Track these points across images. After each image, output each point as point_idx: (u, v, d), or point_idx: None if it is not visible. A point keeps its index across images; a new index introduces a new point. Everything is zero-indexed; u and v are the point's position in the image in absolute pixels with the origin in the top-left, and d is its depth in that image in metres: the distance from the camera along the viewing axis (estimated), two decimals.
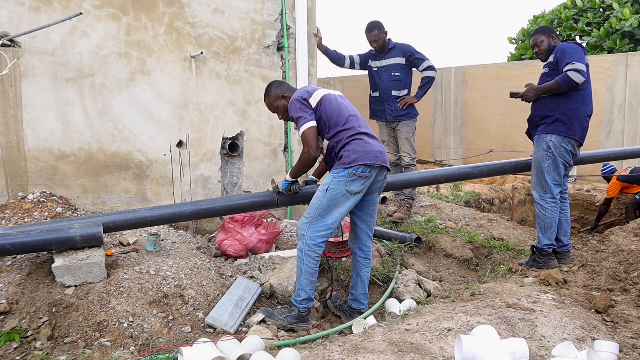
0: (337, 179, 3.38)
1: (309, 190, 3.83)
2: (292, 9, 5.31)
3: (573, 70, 3.92)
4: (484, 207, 7.13)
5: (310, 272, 3.43)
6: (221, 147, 5.08)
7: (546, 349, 2.73)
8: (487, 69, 10.15)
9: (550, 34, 4.25)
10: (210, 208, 3.89)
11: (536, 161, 4.24)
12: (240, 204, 3.97)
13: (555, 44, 4.21)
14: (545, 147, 4.15)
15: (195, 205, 3.90)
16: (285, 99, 3.67)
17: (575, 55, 3.96)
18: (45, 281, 3.38)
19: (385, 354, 2.61)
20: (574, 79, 3.92)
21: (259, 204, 3.99)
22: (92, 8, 4.28)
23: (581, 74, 3.92)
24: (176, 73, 4.74)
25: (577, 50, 4.00)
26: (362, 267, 3.73)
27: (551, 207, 4.19)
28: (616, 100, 8.52)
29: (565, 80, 3.96)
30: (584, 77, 3.94)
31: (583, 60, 3.97)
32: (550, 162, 4.14)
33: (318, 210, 3.41)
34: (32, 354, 2.93)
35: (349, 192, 3.39)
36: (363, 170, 3.37)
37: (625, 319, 3.18)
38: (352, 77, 11.99)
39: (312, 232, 3.40)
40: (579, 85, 3.96)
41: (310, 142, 3.40)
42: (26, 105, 4.09)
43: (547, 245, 4.24)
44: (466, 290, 3.80)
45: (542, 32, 4.28)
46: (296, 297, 3.48)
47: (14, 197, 4.07)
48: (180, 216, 3.83)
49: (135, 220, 3.69)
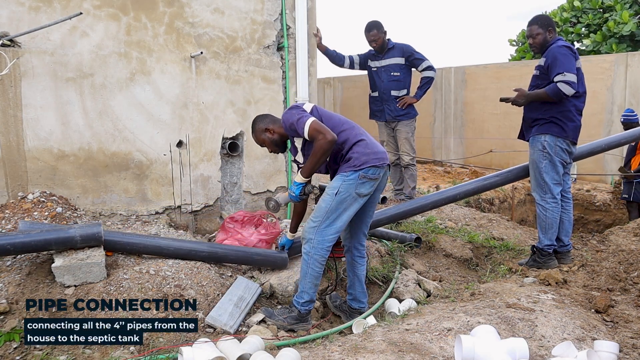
0: (347, 182, 3.33)
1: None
2: (292, 9, 5.31)
3: (563, 82, 3.92)
4: (484, 207, 7.13)
5: (316, 275, 3.43)
6: (221, 147, 5.08)
7: (546, 349, 2.73)
8: (487, 69, 10.15)
9: (548, 27, 4.18)
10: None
11: (533, 162, 4.24)
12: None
13: (551, 39, 4.16)
14: (540, 148, 4.15)
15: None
16: (269, 131, 3.61)
17: (567, 64, 3.94)
18: (45, 281, 3.38)
19: (385, 354, 2.61)
20: (563, 91, 3.94)
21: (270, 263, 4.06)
22: (92, 8, 4.28)
23: (571, 85, 3.91)
24: (176, 73, 4.73)
25: (568, 57, 3.97)
26: (358, 266, 3.72)
27: (552, 208, 4.18)
28: (616, 100, 8.52)
29: (555, 92, 3.98)
30: (574, 89, 3.93)
31: (574, 69, 3.95)
32: (547, 162, 4.14)
33: (327, 214, 3.36)
34: (32, 354, 2.93)
35: (359, 195, 3.36)
36: (373, 172, 3.35)
37: (625, 319, 3.18)
38: (352, 77, 11.99)
39: (321, 236, 3.37)
40: (569, 97, 3.97)
41: (321, 129, 3.24)
42: (26, 105, 4.09)
43: (547, 246, 4.24)
44: (466, 290, 3.80)
45: (540, 25, 4.19)
46: (298, 299, 3.47)
47: (14, 197, 4.07)
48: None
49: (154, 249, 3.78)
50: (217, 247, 4.01)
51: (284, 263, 4.00)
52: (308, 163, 3.36)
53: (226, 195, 5.24)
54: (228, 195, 5.26)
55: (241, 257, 3.99)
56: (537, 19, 4.25)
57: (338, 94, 12.19)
